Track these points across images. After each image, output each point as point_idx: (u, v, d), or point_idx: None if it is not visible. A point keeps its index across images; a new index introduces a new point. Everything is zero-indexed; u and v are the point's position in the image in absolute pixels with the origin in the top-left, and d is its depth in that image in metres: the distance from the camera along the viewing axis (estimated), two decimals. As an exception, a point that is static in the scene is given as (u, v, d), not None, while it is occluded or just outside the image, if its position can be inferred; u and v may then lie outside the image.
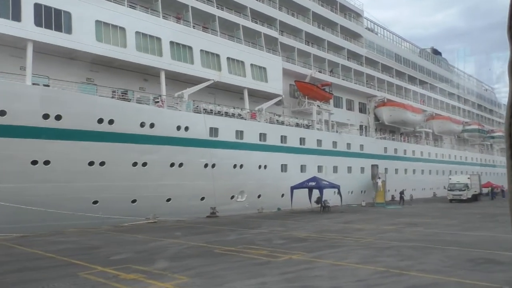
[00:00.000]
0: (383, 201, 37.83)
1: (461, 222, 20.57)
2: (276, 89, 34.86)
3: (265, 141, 32.69)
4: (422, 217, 23.95)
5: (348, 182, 40.52)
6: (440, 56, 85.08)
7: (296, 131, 35.81)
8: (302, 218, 24.40)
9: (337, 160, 39.77)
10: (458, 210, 29.58)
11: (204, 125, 28.21)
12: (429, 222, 20.72)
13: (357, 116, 48.78)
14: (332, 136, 40.06)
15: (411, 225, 19.59)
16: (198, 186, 27.95)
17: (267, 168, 32.43)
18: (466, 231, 16.88)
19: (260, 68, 34.09)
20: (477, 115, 79.95)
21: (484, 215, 24.94)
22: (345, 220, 22.11)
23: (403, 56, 57.66)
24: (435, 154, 58.18)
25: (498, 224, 19.02)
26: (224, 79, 30.73)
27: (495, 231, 16.43)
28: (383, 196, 38.59)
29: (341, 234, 16.28)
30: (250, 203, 31.28)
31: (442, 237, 14.97)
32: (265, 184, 31.72)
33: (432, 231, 16.59)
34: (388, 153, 47.97)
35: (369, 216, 24.97)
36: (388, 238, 14.90)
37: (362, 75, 48.60)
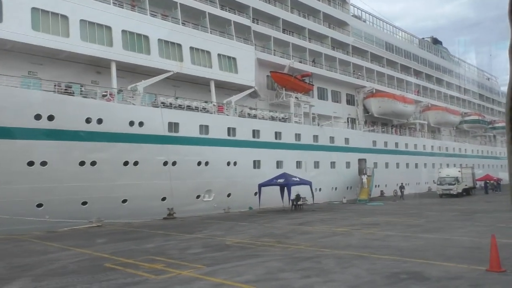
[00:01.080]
0: (367, 197, 35.52)
1: (428, 222, 18.34)
2: (248, 81, 32.72)
3: (234, 136, 30.62)
4: (393, 216, 21.74)
5: (331, 178, 38.41)
6: (441, 45, 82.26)
7: (270, 125, 33.67)
8: (261, 219, 22.36)
9: (319, 155, 37.56)
10: (440, 206, 27.28)
11: (162, 120, 26.25)
12: (394, 222, 18.52)
13: (344, 108, 46.40)
14: (313, 129, 37.82)
15: (369, 226, 17.42)
16: (157, 186, 26.05)
17: (237, 164, 30.37)
18: (423, 233, 14.69)
19: (229, 59, 31.97)
20: (478, 105, 76.84)
21: (463, 212, 22.63)
22: (303, 221, 19.99)
23: (395, 44, 54.97)
24: (431, 146, 55.56)
25: (468, 224, 16.82)
26: (186, 70, 28.70)
27: (455, 233, 14.26)
28: (367, 193, 36.28)
29: (278, 239, 14.22)
30: (219, 202, 29.30)
31: (387, 242, 12.83)
32: (235, 182, 29.69)
33: (384, 234, 14.43)
34: (378, 146, 45.58)
35: (336, 216, 22.81)
36: (325, 244, 12.81)
37: (348, 65, 46.17)
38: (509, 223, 16.80)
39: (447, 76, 67.48)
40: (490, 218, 18.99)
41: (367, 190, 36.79)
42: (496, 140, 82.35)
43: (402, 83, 55.12)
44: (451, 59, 76.03)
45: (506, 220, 18.17)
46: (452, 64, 71.70)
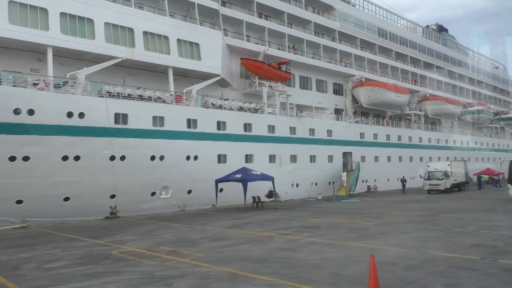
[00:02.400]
0: (345, 193, 32.87)
1: (379, 224, 15.75)
2: (213, 68, 30.24)
3: (195, 128, 28.28)
4: (349, 216, 19.18)
5: (310, 173, 35.80)
6: (446, 33, 78.40)
7: (239, 116, 31.21)
8: (202, 219, 20.08)
9: (296, 148, 34.97)
10: (414, 204, 24.55)
11: (107, 110, 24.06)
12: (340, 224, 15.98)
13: (331, 99, 43.62)
14: (290, 121, 35.21)
15: (307, 229, 14.98)
16: (104, 182, 23.97)
17: (198, 159, 28.05)
18: (356, 240, 12.23)
19: (191, 44, 29.55)
20: (484, 96, 72.81)
21: (431, 211, 19.90)
22: (240, 223, 17.58)
23: (389, 30, 51.66)
24: (428, 139, 52.30)
25: (421, 227, 14.27)
26: (137, 56, 26.42)
27: (393, 240, 11.83)
28: (345, 189, 33.59)
29: (177, 248, 11.94)
30: (179, 200, 27.10)
31: (295, 254, 10.48)
32: (197, 178, 27.36)
33: (308, 241, 12.06)
34: (366, 138, 42.70)
35: (288, 216, 20.35)
36: (219, 256, 10.53)
37: (335, 52, 43.26)
38: (468, 227, 14.15)
39: (449, 65, 63.73)
40: (454, 220, 16.31)
41: (347, 186, 34.09)
42: (504, 132, 78.31)
43: (397, 71, 51.87)
44: (456, 47, 72.14)
45: (470, 222, 15.50)
46: (455, 52, 67.74)
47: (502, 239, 11.55)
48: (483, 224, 14.82)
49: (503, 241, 11.21)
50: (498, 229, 13.54)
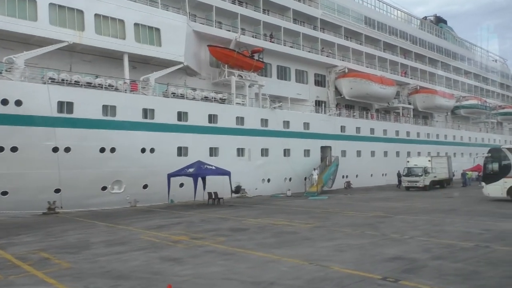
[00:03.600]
0: (316, 190, 31.04)
1: (313, 228, 13.95)
2: (175, 55, 28.36)
3: (152, 119, 26.52)
4: (295, 216, 17.42)
5: (284, 168, 33.94)
6: (445, 24, 75.98)
7: (203, 106, 29.36)
8: (135, 218, 18.37)
9: (268, 141, 33.13)
10: (378, 203, 22.69)
11: (49, 98, 22.34)
12: (272, 227, 14.20)
13: (312, 90, 41.64)
14: (261, 112, 33.33)
15: (224, 234, 13.20)
16: (46, 176, 22.35)
17: (155, 151, 26.33)
18: (260, 249, 10.49)
19: (150, 29, 27.68)
20: (481, 89, 70.36)
21: (388, 212, 18.00)
22: (162, 225, 15.82)
23: (377, 20, 49.38)
24: (417, 133, 50.19)
25: (350, 234, 12.45)
26: (87, 41, 24.61)
27: (300, 251, 9.99)
28: (317, 186, 31.74)
29: (42, 259, 10.21)
30: (134, 195, 25.44)
31: (151, 269, 8.65)
32: (153, 172, 25.63)
33: (188, 254, 10.24)
34: (348, 132, 40.74)
35: (229, 215, 18.58)
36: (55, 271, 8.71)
37: (316, 41, 41.19)
38: (409, 232, 12.34)
39: (443, 57, 61.31)
40: (402, 223, 14.50)
41: (320, 182, 32.22)
42: (502, 127, 75.99)
43: (385, 63, 49.68)
44: (454, 39, 69.67)
45: (418, 226, 13.68)
46: (451, 44, 65.27)
47: (433, 250, 9.74)
48: (429, 229, 13.00)
49: (430, 253, 9.40)
50: (440, 236, 11.72)
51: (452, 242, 10.72)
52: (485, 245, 10.23)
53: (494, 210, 18.14)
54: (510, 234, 11.80)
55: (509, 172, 21.38)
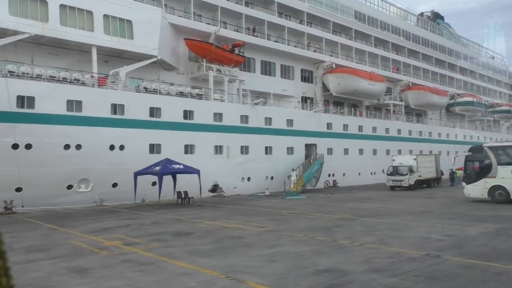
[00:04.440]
0: (296, 189, 29.95)
1: (264, 232, 12.85)
2: (149, 49, 27.27)
3: (122, 115, 25.47)
4: (258, 219, 16.35)
5: (265, 166, 32.84)
6: (442, 20, 74.72)
7: (177, 102, 28.29)
8: (87, 220, 17.31)
9: (249, 138, 32.04)
10: (353, 204, 21.55)
11: (7, 92, 21.29)
12: (213, 232, 13.13)
13: (298, 86, 40.47)
14: (241, 108, 32.22)
15: (165, 239, 12.13)
16: (6, 174, 21.37)
17: (125, 148, 25.31)
18: (188, 257, 9.44)
19: (122, 21, 26.60)
20: (478, 86, 68.96)
21: (361, 213, 16.89)
22: (108, 227, 14.77)
23: (368, 14, 48.10)
24: (409, 131, 48.96)
25: (300, 240, 11.39)
26: (50, 32, 23.53)
27: (223, 261, 8.91)
28: (299, 184, 30.65)
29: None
30: (102, 194, 24.41)
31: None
32: (123, 170, 24.60)
33: (100, 264, 9.16)
34: (334, 129, 39.59)
35: (189, 217, 17.51)
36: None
37: (303, 36, 39.99)
38: (363, 239, 11.24)
39: (437, 53, 59.95)
40: (362, 227, 13.39)
41: (301, 181, 31.13)
42: (499, 126, 74.64)
43: (377, 58, 48.41)
44: (451, 35, 68.31)
45: (376, 231, 12.58)
46: (446, 40, 63.88)
47: (374, 260, 8.65)
48: (386, 234, 11.91)
49: (369, 264, 8.31)
50: (393, 243, 10.62)
51: (402, 250, 9.62)
52: (436, 254, 9.13)
53: (470, 212, 17.01)
54: (470, 240, 10.69)
55: (490, 171, 20.24)
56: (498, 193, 19.95)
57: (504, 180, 19.74)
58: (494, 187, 20.04)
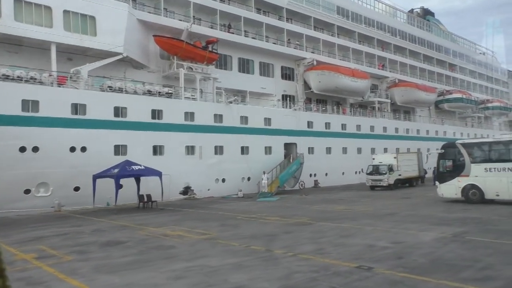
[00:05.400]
0: (272, 191, 28.87)
1: (195, 242, 11.77)
2: (114, 46, 26.13)
3: (83, 115, 24.33)
4: (207, 224, 15.26)
5: (241, 166, 31.73)
6: (432, 17, 73.82)
7: (145, 101, 27.15)
8: (30, 226, 16.19)
9: (223, 138, 30.91)
10: (319, 206, 20.46)
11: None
12: (147, 241, 12.04)
13: (278, 84, 39.35)
14: (214, 107, 31.09)
15: (83, 250, 11.02)
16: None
17: (87, 150, 24.16)
18: (87, 274, 8.26)
19: (84, 17, 25.46)
20: (468, 83, 67.97)
21: (321, 217, 15.79)
22: (37, 236, 13.65)
23: (352, 10, 47.01)
24: (395, 129, 47.90)
25: (227, 251, 10.28)
26: (4, 29, 22.40)
27: (121, 280, 7.79)
28: (275, 185, 29.58)
29: None
30: (63, 198, 23.26)
31: None
32: (86, 172, 23.35)
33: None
34: (316, 128, 38.49)
35: (138, 222, 16.41)
36: None
37: (282, 32, 38.89)
38: (301, 248, 10.17)
39: (425, 49, 58.89)
40: (312, 233, 12.32)
41: (276, 183, 30.03)
42: (491, 122, 73.74)
43: (361, 55, 47.34)
44: (442, 32, 67.32)
45: (325, 237, 11.50)
46: (434, 36, 62.84)
47: (294, 276, 7.57)
48: (331, 242, 10.83)
49: (283, 281, 7.23)
50: (332, 252, 9.54)
51: (335, 262, 8.53)
52: (369, 266, 8.06)
53: (437, 214, 15.94)
54: (416, 248, 9.61)
55: (463, 170, 19.18)
56: (472, 193, 18.89)
57: (477, 179, 18.68)
58: (467, 186, 18.98)
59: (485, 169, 18.39)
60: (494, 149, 18.77)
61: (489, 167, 18.31)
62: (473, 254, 8.85)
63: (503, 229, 11.98)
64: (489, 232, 11.45)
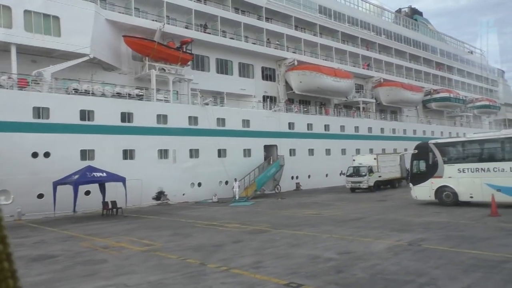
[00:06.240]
0: (248, 195, 27.97)
1: (147, 251, 10.83)
2: (79, 47, 25.15)
3: (47, 119, 23.34)
4: (159, 234, 14.35)
5: (218, 170, 30.77)
6: (420, 16, 73.41)
7: (113, 104, 26.17)
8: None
9: (198, 141, 30.00)
10: (289, 211, 19.57)
11: None
12: (82, 255, 11.10)
13: (259, 85, 38.48)
14: (189, 109, 30.16)
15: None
16: None
17: (51, 156, 23.17)
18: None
19: (47, 17, 24.49)
20: (456, 82, 67.42)
21: (282, 223, 14.88)
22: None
23: (334, 9, 46.26)
24: (380, 129, 47.13)
25: (152, 267, 9.34)
26: (-44, 30, 21.43)
27: None
28: (251, 189, 28.69)
29: None
30: (26, 206, 22.22)
31: None
32: (50, 179, 22.33)
33: None
34: (297, 129, 37.63)
35: (87, 233, 15.43)
36: None
37: (262, 32, 38.05)
38: (245, 258, 9.25)
39: (411, 48, 58.27)
40: (263, 242, 11.40)
41: (253, 186, 29.12)
42: (481, 121, 73.23)
43: (345, 54, 46.58)
44: (430, 31, 66.80)
45: (273, 247, 10.60)
46: (420, 35, 62.27)
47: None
48: (275, 253, 9.92)
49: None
50: (268, 267, 8.62)
51: (265, 278, 7.63)
52: (300, 283, 7.17)
53: (404, 218, 15.08)
54: (362, 260, 8.71)
55: (436, 171, 18.36)
56: (446, 195, 18.06)
57: (451, 180, 17.86)
58: (441, 187, 18.15)
59: (458, 170, 17.58)
60: (467, 148, 17.96)
61: (462, 168, 17.50)
62: (420, 266, 7.98)
63: (466, 235, 11.13)
64: (449, 239, 10.59)
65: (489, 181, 16.56)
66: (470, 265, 7.89)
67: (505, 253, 8.75)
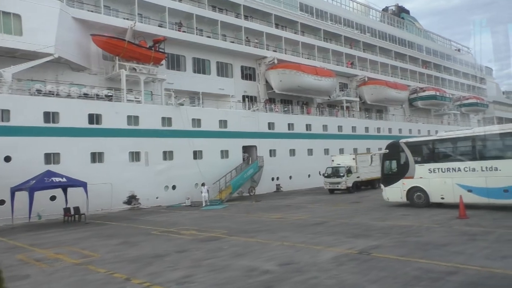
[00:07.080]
0: (222, 198, 27.14)
1: (78, 264, 9.99)
2: (42, 46, 24.15)
3: (7, 121, 22.36)
4: (113, 241, 13.50)
5: (193, 172, 29.86)
6: (408, 14, 73.04)
7: (80, 105, 25.21)
8: None
9: (172, 142, 29.11)
10: (254, 215, 18.77)
11: None
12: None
13: (238, 84, 37.65)
14: (162, 110, 29.26)
15: None
16: None
17: (13, 160, 22.19)
18: None
19: (7, 15, 23.52)
20: (443, 80, 67.00)
21: (238, 229, 14.09)
22: None
23: (316, 6, 45.55)
24: (365, 128, 46.48)
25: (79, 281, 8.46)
26: None
27: None
28: (226, 192, 27.87)
29: None
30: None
31: None
32: (12, 184, 21.34)
33: None
34: (277, 129, 36.85)
35: (30, 243, 14.50)
36: None
37: (240, 30, 37.22)
38: (177, 271, 8.42)
39: (396, 46, 57.74)
40: (206, 253, 10.57)
41: (229, 189, 28.26)
42: (469, 119, 72.89)
43: (327, 53, 45.86)
44: (417, 29, 66.35)
45: (214, 257, 9.77)
46: (406, 33, 61.78)
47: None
48: (214, 265, 9.09)
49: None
50: (195, 282, 7.80)
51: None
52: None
53: (368, 222, 14.31)
54: (300, 273, 7.90)
55: (407, 171, 17.65)
56: (417, 196, 17.35)
57: (422, 181, 17.15)
58: (412, 188, 17.44)
59: (429, 170, 16.87)
60: (437, 147, 17.25)
61: (433, 168, 16.79)
62: (357, 280, 7.19)
63: (423, 241, 10.38)
64: (403, 246, 9.82)
65: (460, 181, 15.86)
66: (413, 278, 7.12)
67: (456, 262, 7.99)
